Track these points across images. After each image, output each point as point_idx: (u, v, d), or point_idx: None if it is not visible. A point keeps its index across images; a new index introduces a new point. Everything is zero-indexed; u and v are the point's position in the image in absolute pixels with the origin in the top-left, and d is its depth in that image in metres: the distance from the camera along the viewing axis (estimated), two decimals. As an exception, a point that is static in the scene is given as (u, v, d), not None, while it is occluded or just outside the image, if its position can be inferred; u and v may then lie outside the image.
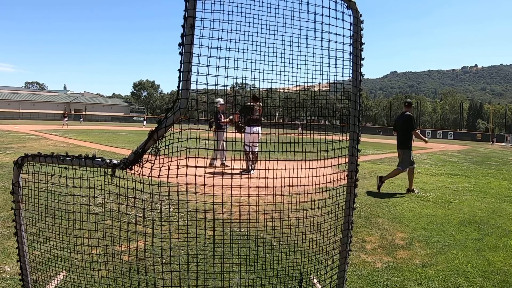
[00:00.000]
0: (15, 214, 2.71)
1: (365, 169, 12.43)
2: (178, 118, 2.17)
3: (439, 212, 6.85)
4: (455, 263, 4.33)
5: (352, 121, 2.72)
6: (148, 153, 2.30)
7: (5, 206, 5.75)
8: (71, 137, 24.46)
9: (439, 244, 4.96)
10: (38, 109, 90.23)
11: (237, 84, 4.28)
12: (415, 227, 5.74)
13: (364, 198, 7.72)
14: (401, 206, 7.13)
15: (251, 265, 3.80)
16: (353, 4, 2.58)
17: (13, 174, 2.66)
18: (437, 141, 50.09)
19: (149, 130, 2.24)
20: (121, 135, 29.42)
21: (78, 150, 15.19)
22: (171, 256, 3.60)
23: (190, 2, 2.11)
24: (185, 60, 2.11)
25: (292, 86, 2.71)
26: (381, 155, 19.42)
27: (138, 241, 4.00)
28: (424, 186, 9.75)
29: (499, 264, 4.35)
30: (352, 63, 2.67)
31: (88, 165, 2.42)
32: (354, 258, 4.34)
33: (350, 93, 2.72)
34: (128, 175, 2.44)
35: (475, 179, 11.58)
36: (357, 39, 2.64)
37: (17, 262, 2.87)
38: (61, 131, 31.57)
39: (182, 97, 2.13)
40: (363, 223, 5.83)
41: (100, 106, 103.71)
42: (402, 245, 4.90)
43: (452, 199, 8.12)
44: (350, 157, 2.76)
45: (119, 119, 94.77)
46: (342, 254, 2.89)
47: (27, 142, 18.47)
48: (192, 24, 2.11)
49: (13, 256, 3.86)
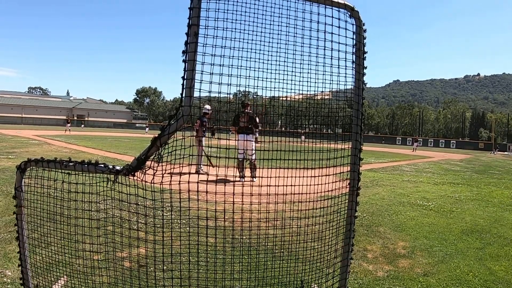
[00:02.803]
0: (17, 219, 2.71)
1: (367, 177, 12.41)
2: (181, 125, 2.18)
3: (441, 221, 6.83)
4: (456, 272, 4.31)
5: (354, 130, 2.73)
6: (150, 160, 2.31)
7: (6, 210, 5.75)
8: (73, 142, 24.51)
9: (440, 253, 4.94)
10: (41, 114, 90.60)
11: (240, 92, 4.30)
12: (417, 236, 5.72)
13: (366, 206, 7.70)
14: (402, 215, 7.11)
15: (252, 273, 3.79)
16: (356, 13, 2.60)
17: (15, 179, 2.67)
18: (440, 150, 50.04)
19: (152, 137, 2.25)
20: (124, 142, 29.47)
21: (81, 156, 15.22)
22: (172, 262, 3.60)
23: (194, 10, 2.13)
24: (188, 67, 2.13)
25: (294, 94, 2.72)
26: (383, 164, 19.41)
27: (140, 247, 4.00)
28: (426, 195, 9.73)
29: (501, 273, 4.33)
30: (355, 71, 2.69)
31: (91, 171, 2.43)
32: (355, 266, 4.32)
33: (352, 101, 2.73)
34: (130, 182, 2.45)
35: (477, 188, 11.55)
36: (360, 48, 2.65)
37: (18, 266, 2.87)
38: (63, 137, 31.66)
39: (185, 104, 2.14)
40: (365, 231, 5.82)
41: (103, 112, 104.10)
42: (404, 254, 4.88)
43: (454, 208, 8.10)
44: (352, 165, 2.76)
45: (121, 125, 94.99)
46: (344, 262, 2.88)
47: (30, 147, 18.51)
48: (196, 32, 2.13)
49: (14, 261, 3.87)
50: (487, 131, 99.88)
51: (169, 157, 2.29)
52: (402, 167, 18.24)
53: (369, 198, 8.68)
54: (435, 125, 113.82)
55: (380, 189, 10.17)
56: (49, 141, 24.76)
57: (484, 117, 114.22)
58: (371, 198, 8.71)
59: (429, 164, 21.34)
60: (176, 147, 2.27)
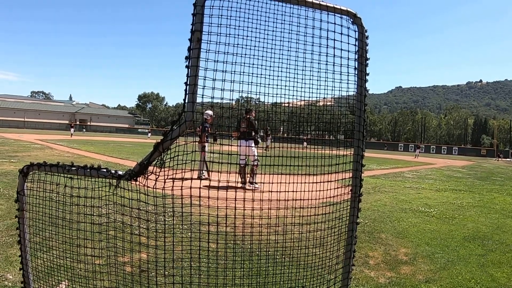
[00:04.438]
0: (19, 223, 2.72)
1: (369, 184, 12.39)
2: (184, 130, 2.18)
3: (443, 227, 6.81)
4: (458, 279, 4.29)
5: (356, 136, 2.73)
6: (153, 165, 2.31)
7: (8, 214, 5.76)
8: (75, 147, 24.55)
9: (442, 260, 4.93)
10: (43, 118, 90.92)
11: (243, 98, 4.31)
12: (418, 243, 5.71)
13: (368, 213, 7.68)
14: (405, 222, 7.09)
15: (253, 279, 3.78)
16: (359, 19, 2.60)
17: (18, 183, 2.67)
18: (442, 156, 49.94)
19: (155, 142, 2.26)
20: (126, 147, 29.52)
21: (83, 160, 15.24)
22: (174, 268, 3.59)
23: (197, 16, 2.14)
24: (191, 73, 2.13)
25: (297, 101, 2.73)
26: (385, 170, 19.38)
27: (141, 252, 4.00)
28: (428, 201, 9.71)
29: (503, 280, 4.31)
30: (357, 78, 2.69)
31: (93, 176, 2.44)
32: (357, 273, 4.31)
33: (354, 108, 2.73)
34: (132, 187, 2.45)
35: (479, 194, 11.52)
36: (362, 55, 2.66)
37: (19, 270, 2.87)
38: (65, 141, 31.72)
39: (188, 110, 2.15)
40: (367, 238, 5.80)
41: (105, 117, 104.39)
42: (406, 260, 4.87)
43: (456, 214, 8.08)
44: (354, 172, 2.76)
45: (123, 130, 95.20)
46: (345, 269, 2.88)
47: (32, 151, 18.56)
48: (199, 37, 2.14)
49: (15, 264, 3.87)
50: (490, 138, 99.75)
51: (171, 163, 2.29)
52: (404, 173, 18.21)
53: (371, 205, 8.66)
54: (437, 132, 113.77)
55: (382, 196, 10.15)
56: (51, 146, 24.82)
57: (487, 123, 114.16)
58: (373, 205, 8.69)
59: (431, 171, 21.31)
60: (179, 153, 2.27)
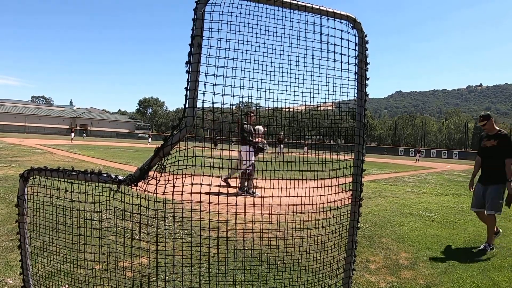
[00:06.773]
0: (20, 227, 2.72)
1: (370, 188, 12.38)
2: (184, 135, 2.19)
3: (444, 232, 6.80)
4: (459, 283, 4.28)
5: (356, 141, 2.73)
6: (153, 170, 2.31)
7: (9, 219, 5.76)
8: (76, 152, 24.56)
9: (443, 264, 4.92)
10: (44, 123, 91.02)
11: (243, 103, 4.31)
12: (419, 247, 5.69)
13: (368, 217, 7.67)
14: (405, 226, 7.08)
15: (254, 284, 3.78)
16: (359, 24, 2.61)
17: (18, 187, 2.68)
18: (442, 160, 49.88)
19: (155, 147, 2.26)
20: (126, 152, 29.52)
21: (83, 165, 15.26)
22: (174, 273, 3.58)
23: (198, 21, 2.15)
24: (192, 78, 2.14)
25: (297, 106, 2.73)
26: (385, 175, 19.36)
27: (142, 257, 3.99)
28: (429, 206, 9.69)
29: (504, 284, 4.30)
30: (357, 82, 2.70)
31: (93, 181, 2.44)
32: (358, 277, 4.30)
33: (355, 112, 2.74)
34: (133, 191, 2.45)
35: (480, 199, 11.48)
36: (362, 59, 2.67)
37: (20, 274, 2.87)
38: (66, 146, 31.74)
39: (188, 115, 2.15)
40: (367, 242, 5.79)
41: (106, 122, 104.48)
42: (407, 265, 4.86)
43: (457, 218, 8.07)
44: (354, 176, 2.76)
45: (124, 135, 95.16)
46: (346, 273, 2.87)
47: (32, 156, 18.57)
48: (200, 43, 2.15)
49: (15, 269, 3.86)
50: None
51: (172, 168, 2.29)
52: (405, 178, 18.19)
53: (371, 209, 8.65)
54: (437, 136, 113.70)
55: (382, 200, 10.14)
56: (52, 150, 24.83)
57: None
58: (373, 209, 8.68)
59: (432, 175, 21.28)
60: (179, 158, 2.27)
